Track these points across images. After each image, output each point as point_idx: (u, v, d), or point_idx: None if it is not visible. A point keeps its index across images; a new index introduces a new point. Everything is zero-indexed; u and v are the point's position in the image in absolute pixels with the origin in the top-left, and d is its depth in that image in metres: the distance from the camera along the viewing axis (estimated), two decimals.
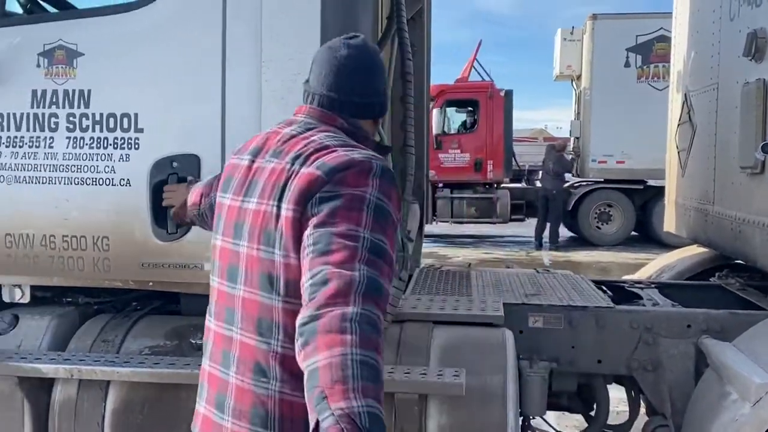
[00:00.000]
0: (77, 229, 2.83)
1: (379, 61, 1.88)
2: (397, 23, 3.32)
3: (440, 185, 14.83)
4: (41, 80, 2.84)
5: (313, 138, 1.69)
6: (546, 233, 14.68)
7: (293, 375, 1.56)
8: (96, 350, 2.92)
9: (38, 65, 2.84)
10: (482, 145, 14.95)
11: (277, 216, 1.60)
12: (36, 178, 2.85)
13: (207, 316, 1.81)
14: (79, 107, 2.83)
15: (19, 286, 3.00)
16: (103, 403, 2.77)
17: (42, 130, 2.85)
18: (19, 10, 3.24)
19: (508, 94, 15.06)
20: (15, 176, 2.86)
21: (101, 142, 2.81)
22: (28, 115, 2.85)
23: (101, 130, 2.81)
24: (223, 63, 2.70)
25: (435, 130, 14.16)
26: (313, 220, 1.53)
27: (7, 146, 2.86)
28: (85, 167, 2.82)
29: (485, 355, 2.79)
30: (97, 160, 2.81)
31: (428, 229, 14.44)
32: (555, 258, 13.15)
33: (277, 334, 1.60)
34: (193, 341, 2.86)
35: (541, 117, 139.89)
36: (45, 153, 2.84)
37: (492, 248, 14.89)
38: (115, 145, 2.80)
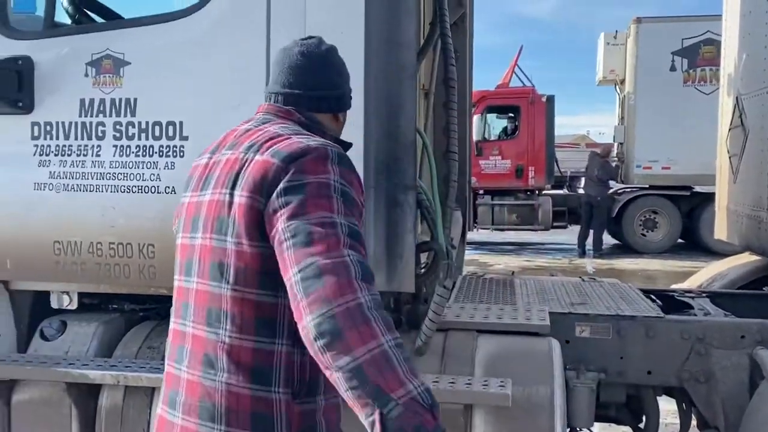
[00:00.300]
0: (123, 236, 2.86)
1: (334, 57, 1.88)
2: (440, 29, 3.30)
3: (481, 192, 14.75)
4: (89, 89, 2.89)
5: (267, 129, 1.71)
6: (589, 240, 14.48)
7: (240, 366, 1.56)
8: (142, 357, 2.95)
9: (86, 75, 2.89)
10: (523, 152, 14.85)
11: (230, 203, 1.59)
12: (83, 186, 2.89)
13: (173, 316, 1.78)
14: (125, 116, 2.87)
15: (67, 293, 3.05)
16: (149, 410, 2.80)
17: (89, 138, 2.89)
18: (68, 21, 3.31)
19: (550, 99, 14.95)
20: (63, 184, 2.90)
21: (147, 150, 2.84)
22: (76, 123, 2.90)
23: (147, 138, 2.85)
24: (268, 70, 2.71)
25: (475, 137, 14.11)
26: (284, 212, 1.51)
27: (56, 155, 2.91)
28: (131, 175, 2.85)
29: (531, 365, 2.75)
30: (142, 168, 2.84)
31: (469, 236, 14.39)
32: (599, 266, 12.95)
33: (224, 324, 1.58)
34: None
35: (583, 122, 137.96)
36: (92, 161, 2.89)
37: (534, 255, 14.74)
38: (161, 153, 2.83)
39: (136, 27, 2.96)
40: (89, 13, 3.26)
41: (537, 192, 15.13)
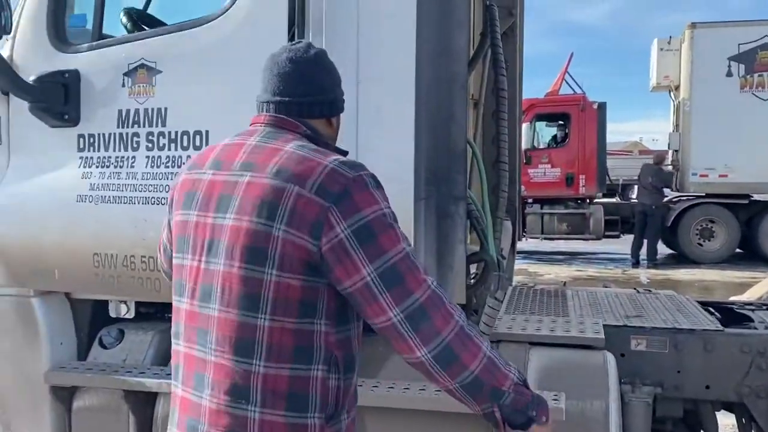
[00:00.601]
0: (154, 249, 2.92)
1: (324, 60, 1.87)
2: (491, 39, 3.31)
3: (530, 201, 14.62)
4: (126, 100, 2.92)
5: (285, 150, 1.68)
6: (643, 250, 14.21)
7: (276, 394, 1.59)
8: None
9: (123, 85, 2.92)
10: (574, 160, 14.67)
11: (270, 236, 1.59)
12: (119, 197, 2.91)
13: (173, 339, 1.77)
14: (156, 126, 2.87)
15: (125, 302, 3.13)
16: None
17: (125, 149, 2.92)
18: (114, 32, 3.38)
19: (601, 106, 14.76)
20: (102, 196, 2.93)
21: (176, 161, 2.84)
22: (114, 135, 2.94)
23: (176, 149, 2.84)
24: None
25: (524, 145, 14.04)
26: (359, 258, 1.58)
27: (96, 167, 2.96)
28: (161, 186, 2.84)
29: (586, 378, 2.72)
30: (172, 179, 2.86)
31: (519, 245, 14.27)
32: (653, 276, 12.70)
33: (259, 354, 1.59)
34: None
35: (636, 129, 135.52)
36: (127, 173, 2.91)
37: (585, 265, 14.53)
38: None
39: (166, 34, 2.96)
40: (135, 21, 3.32)
41: (588, 200, 14.94)
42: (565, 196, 14.80)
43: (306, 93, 1.81)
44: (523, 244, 15.08)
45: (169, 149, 2.84)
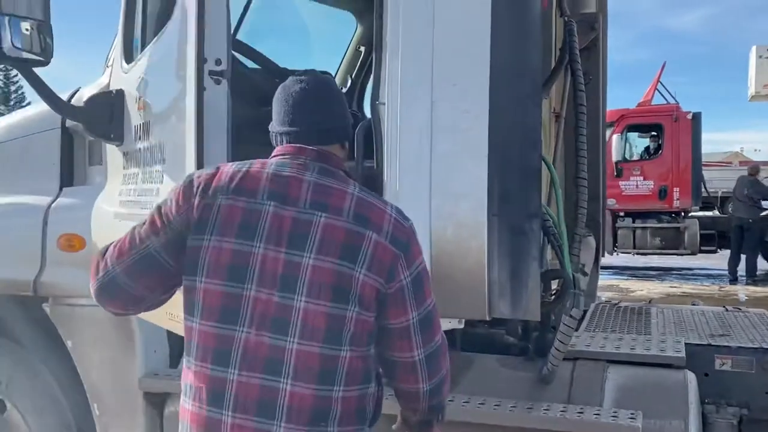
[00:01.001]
0: None
1: (333, 88, 2.04)
2: (569, 55, 3.33)
3: (621, 214, 14.26)
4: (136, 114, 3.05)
5: (348, 191, 1.86)
6: (741, 266, 13.61)
7: (349, 413, 1.81)
8: None
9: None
10: (667, 172, 14.19)
11: (353, 278, 1.77)
12: (137, 215, 2.97)
13: (215, 365, 1.78)
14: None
15: None
16: None
17: (137, 166, 3.04)
18: None
19: (696, 116, 14.24)
20: (130, 214, 2.96)
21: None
22: (134, 150, 3.08)
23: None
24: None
25: (615, 157, 13.74)
26: (411, 304, 1.87)
27: (126, 183, 3.11)
28: None
29: (665, 397, 2.68)
30: None
31: (609, 260, 13.97)
32: (752, 293, 12.14)
33: (340, 382, 1.78)
34: None
35: (736, 139, 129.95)
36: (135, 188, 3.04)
37: (679, 281, 14.04)
38: None
39: None
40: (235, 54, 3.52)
41: (683, 214, 14.42)
42: (659, 210, 14.35)
43: (322, 121, 1.95)
44: (614, 259, 14.72)
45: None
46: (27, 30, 2.69)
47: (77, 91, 3.52)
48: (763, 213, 13.98)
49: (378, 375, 1.94)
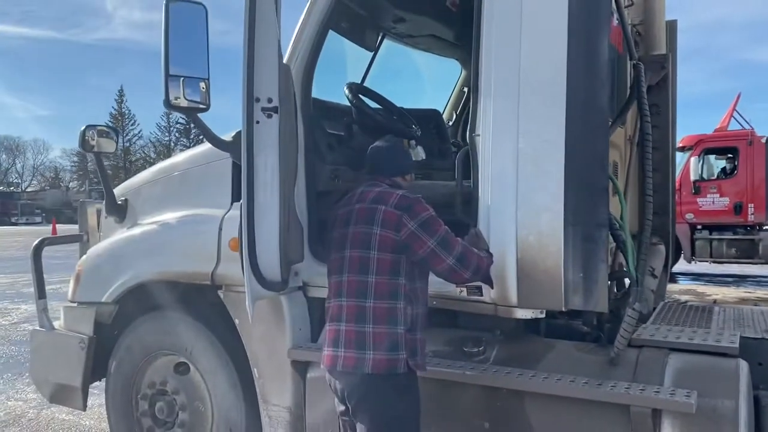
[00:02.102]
0: None
1: (396, 145, 2.98)
2: (637, 92, 3.35)
3: (699, 227, 13.54)
4: None
5: (377, 191, 2.73)
6: None
7: (380, 316, 2.57)
8: None
9: None
10: (742, 190, 13.36)
11: (373, 234, 2.61)
12: None
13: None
14: None
15: None
16: None
17: None
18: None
19: None
20: None
21: None
22: None
23: None
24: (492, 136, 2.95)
25: (693, 177, 13.16)
26: (426, 237, 2.58)
27: None
28: None
29: (718, 380, 2.64)
30: None
31: (688, 267, 13.25)
32: None
33: (370, 296, 2.62)
34: (465, 349, 3.09)
35: None
36: None
37: (754, 287, 13.11)
38: None
39: None
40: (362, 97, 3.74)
41: (758, 227, 13.50)
42: (734, 223, 13.51)
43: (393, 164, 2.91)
44: (692, 267, 13.96)
45: None
46: (203, 88, 2.96)
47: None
48: None
49: (409, 298, 2.59)
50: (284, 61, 3.08)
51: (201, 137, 3.36)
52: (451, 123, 5.09)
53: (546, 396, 2.79)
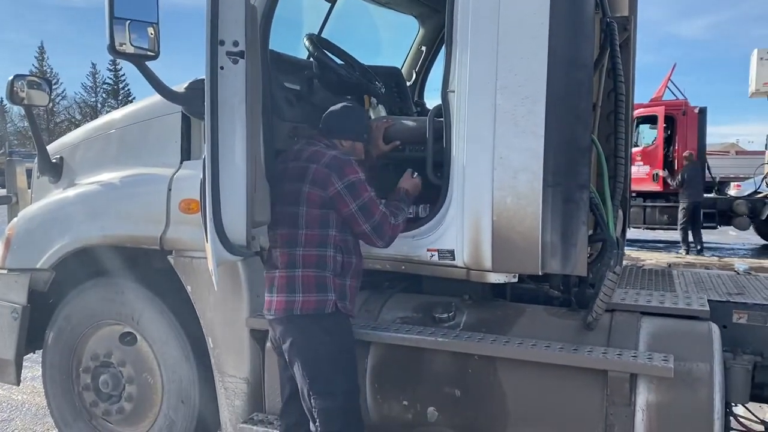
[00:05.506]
0: None
1: (353, 110, 3.01)
2: (610, 51, 3.24)
3: (633, 194, 13.94)
4: None
5: (313, 150, 2.79)
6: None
7: (309, 262, 2.70)
8: (359, 317, 3.14)
9: None
10: (660, 159, 13.83)
11: (302, 191, 2.69)
12: None
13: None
14: None
15: None
16: (366, 360, 2.99)
17: None
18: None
19: (702, 111, 13.82)
20: None
21: None
22: None
23: None
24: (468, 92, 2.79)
25: None
26: (349, 200, 2.67)
27: None
28: None
29: (692, 344, 2.63)
30: None
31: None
32: (751, 264, 11.72)
33: (301, 244, 2.75)
34: (435, 315, 2.98)
35: (733, 132, 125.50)
36: None
37: (683, 252, 13.65)
38: None
39: None
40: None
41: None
42: (667, 191, 13.98)
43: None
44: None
45: None
46: (152, 33, 2.70)
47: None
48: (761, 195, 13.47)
49: (339, 248, 2.71)
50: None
51: (131, 98, 3.04)
52: (409, 83, 4.89)
53: (519, 362, 2.72)
